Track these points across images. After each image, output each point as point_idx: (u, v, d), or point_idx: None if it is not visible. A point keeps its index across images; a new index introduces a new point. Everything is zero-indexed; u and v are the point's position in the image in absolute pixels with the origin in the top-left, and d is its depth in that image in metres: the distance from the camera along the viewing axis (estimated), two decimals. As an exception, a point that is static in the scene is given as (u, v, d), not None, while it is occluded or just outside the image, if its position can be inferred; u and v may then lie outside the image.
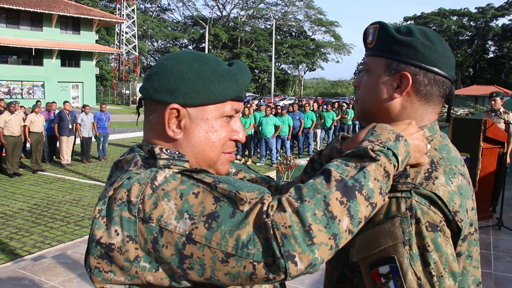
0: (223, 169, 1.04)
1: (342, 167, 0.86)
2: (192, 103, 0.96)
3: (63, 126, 11.49)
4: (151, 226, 0.82)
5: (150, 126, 1.01)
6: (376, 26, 1.09)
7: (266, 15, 60.00)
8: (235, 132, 1.04)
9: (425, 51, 1.03)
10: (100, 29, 40.41)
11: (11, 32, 31.12)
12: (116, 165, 1.01)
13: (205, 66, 0.97)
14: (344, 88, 75.90)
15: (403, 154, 0.92)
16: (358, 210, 0.82)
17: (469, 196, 1.01)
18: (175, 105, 0.96)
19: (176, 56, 1.00)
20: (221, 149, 1.01)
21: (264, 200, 0.82)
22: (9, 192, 8.71)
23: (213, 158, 1.00)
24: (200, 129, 0.98)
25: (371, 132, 0.95)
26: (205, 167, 1.00)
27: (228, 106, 1.00)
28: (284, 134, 12.79)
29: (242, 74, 1.00)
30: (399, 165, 0.90)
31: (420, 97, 1.06)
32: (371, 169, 0.85)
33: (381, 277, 0.92)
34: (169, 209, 0.82)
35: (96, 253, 0.86)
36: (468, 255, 1.03)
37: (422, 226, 0.91)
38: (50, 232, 6.32)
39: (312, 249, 0.77)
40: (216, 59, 1.01)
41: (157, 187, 0.85)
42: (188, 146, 0.98)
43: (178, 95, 0.95)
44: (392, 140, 0.92)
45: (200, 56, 1.00)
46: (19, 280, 4.16)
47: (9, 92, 31.41)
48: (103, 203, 0.88)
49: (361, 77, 1.15)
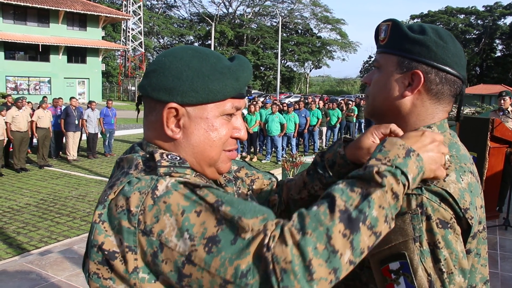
0: (224, 167, 1.02)
1: (347, 193, 0.83)
2: (190, 102, 0.94)
3: (69, 122, 11.54)
4: (152, 239, 0.81)
5: (149, 124, 0.99)
6: (389, 23, 1.09)
7: (272, 13, 59.92)
8: (237, 130, 1.02)
9: (438, 50, 1.03)
10: (106, 25, 40.51)
11: (18, 28, 31.27)
12: (118, 164, 0.99)
13: (204, 63, 0.95)
14: (350, 86, 75.71)
15: (415, 171, 0.87)
16: (360, 241, 0.80)
17: (478, 194, 1.02)
18: (173, 104, 0.93)
19: (174, 53, 0.97)
20: (221, 148, 0.99)
21: (267, 230, 0.79)
22: (16, 187, 8.77)
23: (213, 157, 0.99)
24: (200, 128, 0.96)
25: (379, 148, 0.90)
26: (205, 166, 0.99)
27: (229, 104, 0.97)
28: (289, 132, 12.77)
29: (242, 71, 0.97)
30: (409, 183, 0.86)
31: (431, 95, 1.06)
32: (376, 196, 0.82)
33: (392, 273, 0.93)
34: (170, 224, 0.80)
35: (97, 258, 0.85)
36: (476, 253, 1.03)
37: (433, 223, 0.92)
38: (56, 227, 6.37)
39: (311, 285, 0.76)
40: (216, 54, 0.99)
41: (159, 198, 0.83)
42: (188, 146, 0.97)
43: (176, 94, 0.93)
44: (401, 157, 0.87)
45: (199, 52, 0.97)
46: (27, 274, 4.19)
47: (16, 88, 31.58)
48: (103, 207, 0.86)
49: (371, 73, 1.15)
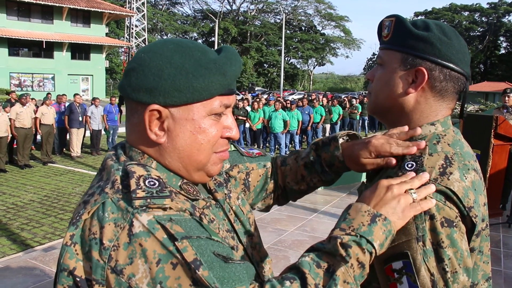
0: (215, 169, 0.95)
1: (314, 269, 0.84)
2: (174, 102, 0.85)
3: (73, 119, 11.56)
4: (121, 280, 0.76)
5: (131, 127, 0.91)
6: (392, 19, 1.08)
7: (276, 9, 59.75)
8: (227, 129, 0.93)
9: (442, 47, 1.02)
10: (110, 22, 40.53)
11: (22, 25, 31.35)
12: (100, 170, 0.94)
13: (187, 59, 0.86)
14: (353, 83, 75.57)
15: (381, 237, 0.86)
16: None
17: (481, 191, 1.01)
18: (155, 106, 0.85)
19: (154, 48, 0.88)
20: (211, 151, 0.91)
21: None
22: (20, 184, 8.80)
23: (201, 161, 0.91)
24: (185, 131, 0.87)
25: (344, 217, 0.90)
26: (193, 171, 0.92)
27: (216, 103, 0.89)
28: (293, 129, 12.76)
29: (230, 64, 0.88)
30: (376, 251, 0.86)
31: (435, 92, 1.05)
32: (340, 273, 0.83)
33: (394, 272, 0.92)
34: (143, 271, 0.76)
35: (67, 283, 0.81)
36: (479, 251, 1.02)
37: (437, 223, 0.91)
38: (60, 224, 6.39)
39: None
40: (201, 47, 0.90)
41: (134, 238, 0.77)
42: (173, 150, 0.89)
43: (157, 95, 0.85)
44: (366, 224, 0.86)
45: (182, 47, 0.88)
46: (31, 270, 4.21)
47: (20, 84, 31.68)
48: (75, 228, 0.81)
49: (374, 70, 1.14)
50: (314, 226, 5.75)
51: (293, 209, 6.50)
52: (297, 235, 5.38)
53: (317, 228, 5.68)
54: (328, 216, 6.24)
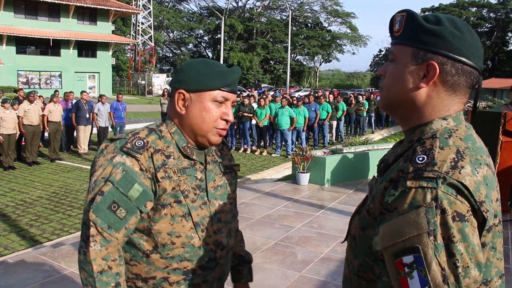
0: (214, 139, 1.43)
1: None
2: (192, 90, 1.39)
3: (80, 116, 11.61)
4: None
5: (171, 105, 1.46)
6: (404, 14, 1.08)
7: (282, 6, 59.61)
8: (225, 114, 1.42)
9: (454, 41, 1.01)
10: (116, 19, 40.65)
11: (30, 23, 31.48)
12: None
13: (206, 68, 1.40)
14: (359, 80, 75.29)
15: None
16: None
17: (494, 187, 1.00)
18: (182, 90, 1.40)
19: (191, 61, 1.45)
20: (212, 124, 1.40)
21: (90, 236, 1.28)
22: (28, 180, 8.86)
23: (204, 129, 1.40)
24: (196, 109, 1.40)
25: None
26: (199, 136, 1.42)
27: (218, 94, 1.40)
28: (299, 126, 12.72)
29: (231, 73, 1.40)
30: None
31: (447, 87, 1.04)
32: None
33: (405, 266, 0.92)
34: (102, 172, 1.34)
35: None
36: (492, 247, 1.01)
37: (448, 217, 0.90)
38: (68, 220, 6.43)
39: None
40: (219, 64, 1.43)
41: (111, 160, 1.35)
42: (188, 120, 1.41)
43: (184, 84, 1.40)
44: None
45: (207, 62, 1.43)
46: (40, 265, 4.24)
47: (27, 82, 31.84)
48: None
49: (386, 65, 1.13)
50: (321, 223, 5.74)
51: (300, 206, 6.50)
52: (304, 232, 5.38)
53: (324, 224, 5.68)
54: (335, 212, 6.23)
